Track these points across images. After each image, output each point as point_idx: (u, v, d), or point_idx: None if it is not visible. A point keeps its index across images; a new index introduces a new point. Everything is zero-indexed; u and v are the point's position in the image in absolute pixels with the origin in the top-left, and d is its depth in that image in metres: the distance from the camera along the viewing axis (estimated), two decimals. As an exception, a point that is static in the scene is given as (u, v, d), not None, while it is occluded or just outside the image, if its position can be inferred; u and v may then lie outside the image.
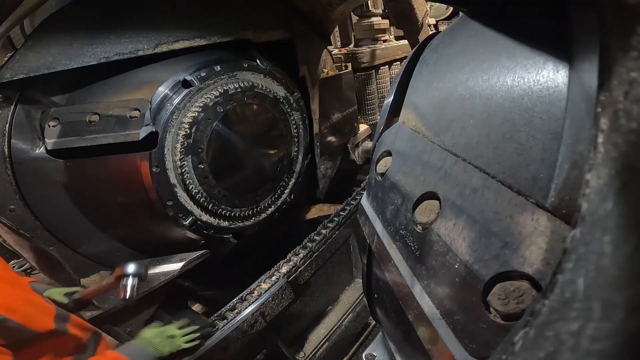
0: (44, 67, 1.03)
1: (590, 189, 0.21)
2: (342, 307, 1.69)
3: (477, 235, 0.36)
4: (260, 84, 1.37)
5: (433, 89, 0.56)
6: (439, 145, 0.48)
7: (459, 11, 0.64)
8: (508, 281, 0.31)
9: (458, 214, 0.39)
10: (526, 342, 0.23)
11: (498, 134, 0.38)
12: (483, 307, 0.32)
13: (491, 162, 0.38)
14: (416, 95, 0.61)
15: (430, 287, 0.41)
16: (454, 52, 0.56)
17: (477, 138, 0.41)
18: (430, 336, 0.38)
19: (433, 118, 0.53)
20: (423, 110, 0.57)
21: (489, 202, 0.36)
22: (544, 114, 0.34)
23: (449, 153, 0.45)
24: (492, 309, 0.31)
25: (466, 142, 0.43)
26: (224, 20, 1.32)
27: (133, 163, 1.13)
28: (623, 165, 0.19)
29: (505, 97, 0.39)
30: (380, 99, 2.32)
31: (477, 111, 0.43)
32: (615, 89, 0.20)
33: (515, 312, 0.30)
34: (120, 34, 1.12)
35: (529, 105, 0.36)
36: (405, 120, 0.61)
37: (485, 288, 0.33)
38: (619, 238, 0.19)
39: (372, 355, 0.77)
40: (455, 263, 0.37)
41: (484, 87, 0.43)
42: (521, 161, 0.34)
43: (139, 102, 1.12)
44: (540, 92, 0.35)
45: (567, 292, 0.21)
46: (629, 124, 0.19)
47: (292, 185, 1.60)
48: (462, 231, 0.38)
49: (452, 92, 0.50)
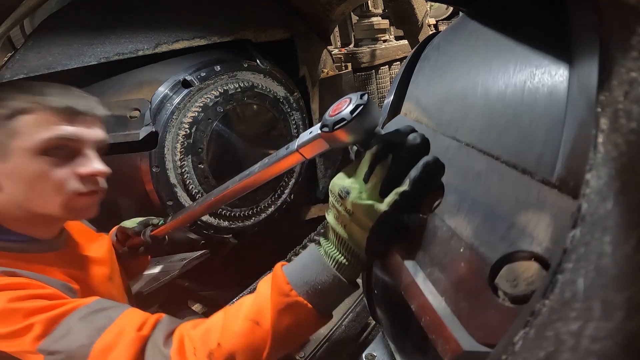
0: (44, 67, 1.03)
1: (590, 189, 0.21)
2: (342, 307, 1.68)
3: (483, 217, 0.35)
4: (260, 84, 1.37)
5: (434, 83, 0.57)
6: (441, 133, 0.48)
7: (459, 11, 0.64)
8: (516, 262, 0.30)
9: (462, 198, 0.39)
10: (526, 342, 0.23)
11: (500, 120, 0.38)
12: (491, 291, 0.31)
13: (494, 145, 0.38)
14: (418, 90, 0.61)
15: (434, 274, 0.39)
16: (455, 49, 0.57)
17: (480, 124, 0.41)
18: (434, 325, 0.36)
19: (435, 109, 0.53)
20: (425, 102, 0.57)
21: (493, 184, 0.36)
22: (547, 98, 0.33)
23: (452, 139, 0.45)
24: (501, 292, 0.31)
25: (469, 129, 0.43)
26: (224, 20, 1.32)
27: (133, 163, 1.13)
28: (623, 165, 0.20)
29: (508, 84, 0.39)
30: (380, 99, 2.32)
31: (479, 100, 0.43)
32: (615, 89, 0.20)
33: (525, 294, 0.29)
34: (120, 34, 1.12)
35: (531, 88, 0.36)
36: (407, 112, 0.61)
37: (492, 271, 0.32)
38: (619, 238, 0.19)
39: (372, 355, 0.77)
40: (460, 247, 0.36)
41: (485, 78, 0.43)
42: (525, 143, 0.34)
43: (139, 102, 1.12)
44: (541, 81, 0.35)
45: (567, 292, 0.21)
46: (629, 124, 0.19)
47: (292, 185, 1.61)
48: (467, 214, 0.37)
49: (454, 84, 0.51)
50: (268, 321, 0.51)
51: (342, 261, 0.49)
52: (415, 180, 0.42)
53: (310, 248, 0.53)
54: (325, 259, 0.50)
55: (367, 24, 2.35)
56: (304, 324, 0.52)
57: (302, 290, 0.50)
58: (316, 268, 0.50)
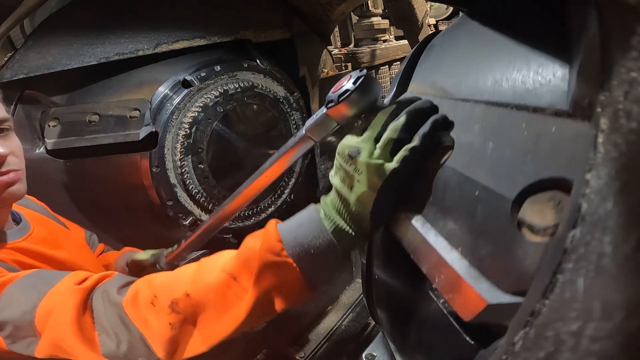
0: (44, 67, 1.03)
1: (590, 189, 0.21)
2: (342, 307, 1.69)
3: (497, 158, 0.34)
4: (260, 84, 1.37)
5: (438, 67, 0.58)
6: (448, 99, 0.48)
7: (459, 11, 0.64)
8: (539, 193, 0.28)
9: (474, 146, 0.37)
10: (526, 342, 0.23)
11: (506, 74, 0.38)
12: (515, 229, 0.29)
13: (503, 94, 0.37)
14: (420, 74, 0.62)
15: (447, 227, 0.37)
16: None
17: (487, 83, 0.41)
18: (451, 283, 0.33)
19: (440, 81, 0.54)
20: (429, 79, 0.58)
21: (505, 128, 0.35)
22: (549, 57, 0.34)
23: (459, 101, 0.45)
24: (526, 228, 0.28)
25: (475, 87, 0.43)
26: (224, 20, 1.32)
27: (133, 163, 1.13)
28: (623, 165, 0.20)
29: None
30: (381, 98, 2.32)
31: (483, 65, 0.43)
32: (615, 89, 0.20)
33: (555, 222, 0.27)
34: (120, 34, 1.11)
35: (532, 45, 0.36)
36: (412, 90, 0.62)
37: (514, 207, 0.29)
38: (619, 238, 0.19)
39: (372, 355, 0.77)
40: (475, 190, 0.34)
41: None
42: (533, 86, 0.34)
43: (139, 102, 1.12)
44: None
45: (567, 292, 0.21)
46: (629, 124, 0.19)
47: (292, 185, 1.60)
48: (480, 159, 0.35)
49: (459, 59, 0.52)
50: (248, 278, 0.47)
51: (341, 226, 0.46)
52: (425, 135, 0.42)
53: (310, 208, 0.49)
54: (324, 221, 0.46)
55: (367, 24, 2.35)
56: (286, 289, 0.48)
57: (293, 251, 0.46)
58: (312, 230, 0.46)
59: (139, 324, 0.49)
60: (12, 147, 0.66)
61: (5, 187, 0.64)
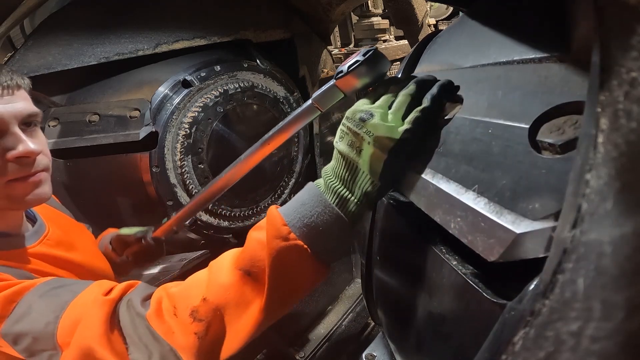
0: (44, 67, 1.03)
1: (590, 189, 0.21)
2: (342, 307, 1.69)
3: (509, 100, 0.35)
4: (260, 84, 1.37)
5: (441, 50, 0.61)
6: (455, 69, 0.50)
7: (459, 11, 0.64)
8: (554, 119, 0.29)
9: (483, 96, 0.39)
10: (526, 342, 0.23)
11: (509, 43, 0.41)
12: (534, 152, 0.28)
13: (509, 55, 0.39)
14: (426, 58, 0.64)
15: (460, 171, 0.36)
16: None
17: (490, 50, 0.44)
18: (470, 222, 0.31)
19: (446, 57, 0.57)
20: (436, 60, 0.60)
21: (513, 78, 0.37)
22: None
23: (465, 69, 0.48)
24: (546, 149, 0.28)
25: (480, 56, 0.45)
26: (224, 20, 1.32)
27: (133, 163, 1.13)
28: (623, 165, 0.20)
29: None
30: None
31: (486, 37, 0.47)
32: (615, 89, 0.20)
33: (575, 137, 0.26)
34: (120, 34, 1.12)
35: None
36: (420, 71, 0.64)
37: (530, 134, 0.30)
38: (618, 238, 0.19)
39: (372, 355, 0.77)
40: (489, 128, 0.34)
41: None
42: (538, 40, 0.36)
43: (139, 102, 1.12)
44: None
45: (567, 292, 0.21)
46: (629, 124, 0.19)
47: (292, 185, 1.60)
48: (491, 104, 0.36)
49: (463, 43, 0.55)
50: (262, 270, 0.46)
51: (346, 195, 0.44)
52: (435, 96, 0.44)
53: (308, 186, 0.48)
54: (326, 194, 0.45)
55: (367, 24, 2.35)
56: (301, 273, 0.46)
57: (301, 232, 0.44)
58: (316, 205, 0.45)
59: (167, 336, 0.47)
60: (43, 145, 0.62)
61: (33, 188, 0.58)
